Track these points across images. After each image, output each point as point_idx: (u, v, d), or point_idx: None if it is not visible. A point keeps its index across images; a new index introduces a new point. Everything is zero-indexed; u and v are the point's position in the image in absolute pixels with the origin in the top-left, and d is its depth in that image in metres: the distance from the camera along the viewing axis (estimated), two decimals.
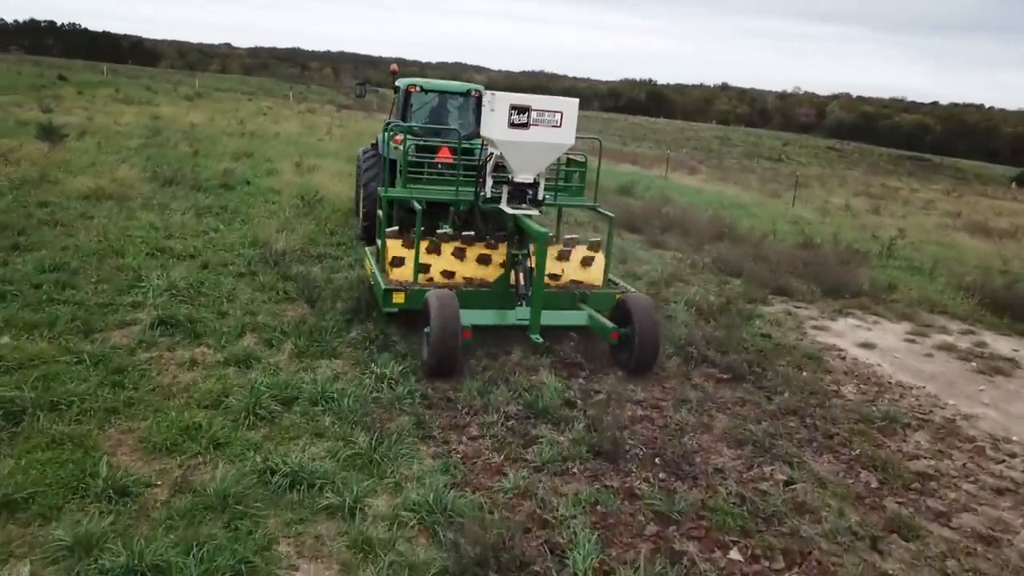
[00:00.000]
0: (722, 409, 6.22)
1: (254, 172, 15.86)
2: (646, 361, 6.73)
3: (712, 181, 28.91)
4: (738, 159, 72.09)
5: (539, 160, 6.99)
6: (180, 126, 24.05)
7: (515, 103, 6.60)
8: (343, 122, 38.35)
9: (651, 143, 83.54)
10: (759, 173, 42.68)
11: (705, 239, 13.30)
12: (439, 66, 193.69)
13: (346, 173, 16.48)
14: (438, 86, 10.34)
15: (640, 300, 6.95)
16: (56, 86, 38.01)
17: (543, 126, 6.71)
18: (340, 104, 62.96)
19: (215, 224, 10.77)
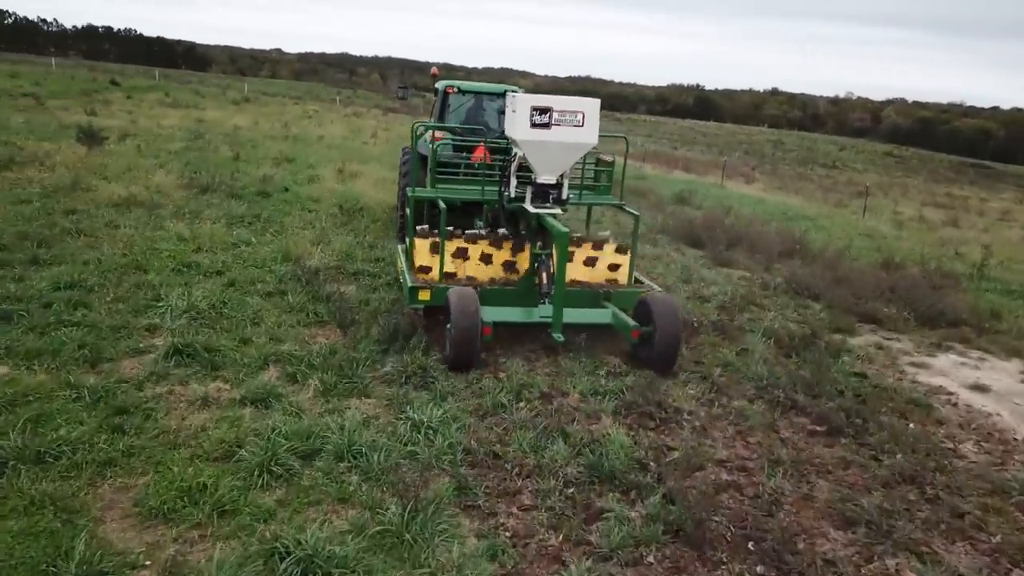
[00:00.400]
0: (822, 473, 5.21)
1: (294, 178, 15.23)
2: (666, 360, 6.70)
3: (771, 190, 27.53)
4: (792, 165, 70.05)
5: (561, 160, 7.00)
6: (223, 130, 23.71)
7: (536, 104, 6.65)
8: (389, 126, 37.89)
9: (702, 147, 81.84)
10: (817, 181, 40.98)
11: (775, 256, 12.18)
12: (485, 71, 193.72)
13: (389, 180, 15.76)
14: (474, 87, 10.35)
15: (662, 299, 6.94)
16: (106, 90, 38.31)
17: (565, 126, 6.72)
18: (386, 108, 62.80)
19: (247, 236, 10.08)
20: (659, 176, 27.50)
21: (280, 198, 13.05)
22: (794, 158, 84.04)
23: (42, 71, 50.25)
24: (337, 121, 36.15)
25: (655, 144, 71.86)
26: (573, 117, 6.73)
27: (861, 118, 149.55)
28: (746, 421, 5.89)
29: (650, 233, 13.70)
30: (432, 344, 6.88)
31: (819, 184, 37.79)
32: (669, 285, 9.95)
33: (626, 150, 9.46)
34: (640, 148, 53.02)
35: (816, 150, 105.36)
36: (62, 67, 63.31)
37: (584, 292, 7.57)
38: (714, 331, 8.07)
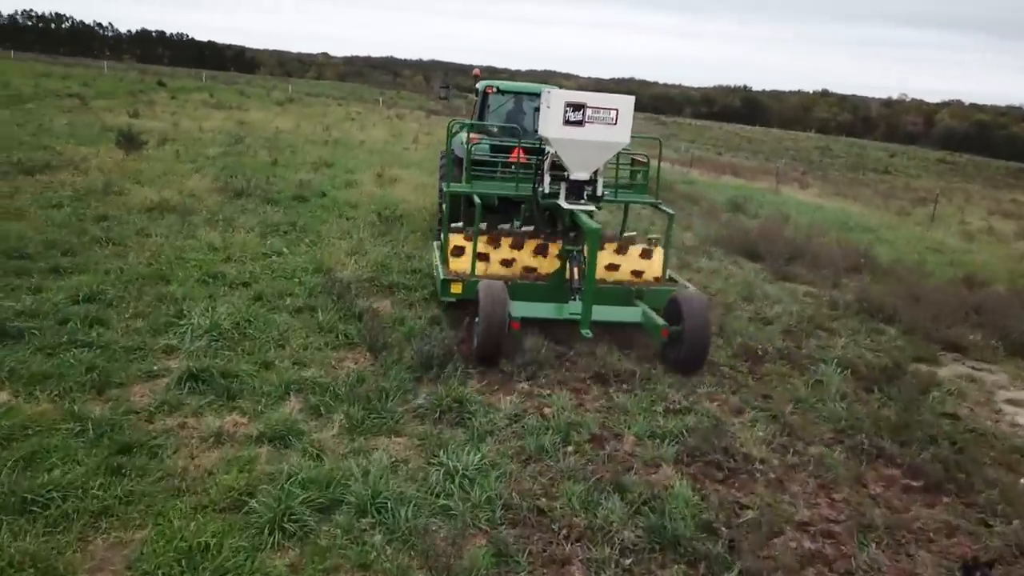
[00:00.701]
0: (922, 541, 4.44)
1: (332, 183, 14.79)
2: (695, 360, 6.60)
3: (828, 196, 26.34)
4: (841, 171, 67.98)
5: (594, 158, 7.02)
6: (264, 132, 23.49)
7: (570, 101, 6.65)
8: (431, 129, 37.51)
9: (747, 153, 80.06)
10: (873, 186, 39.44)
11: (840, 271, 11.30)
12: (529, 73, 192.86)
13: (429, 186, 15.24)
14: (514, 87, 10.41)
15: (692, 297, 6.83)
16: (152, 91, 38.66)
17: (598, 124, 6.72)
18: (429, 110, 62.60)
19: (280, 245, 9.59)
20: (707, 181, 26.55)
21: (317, 204, 12.59)
22: (843, 164, 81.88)
23: (94, 73, 51.20)
24: (379, 124, 35.90)
25: (699, 149, 70.56)
26: (607, 115, 6.72)
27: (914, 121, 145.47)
28: (828, 472, 5.14)
29: (704, 244, 12.91)
30: (470, 373, 6.28)
31: (875, 190, 36.32)
32: (730, 303, 9.19)
33: (659, 151, 8.97)
34: (684, 153, 51.88)
35: (866, 156, 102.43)
36: (113, 69, 64.53)
37: (615, 289, 7.55)
38: (781, 359, 7.30)
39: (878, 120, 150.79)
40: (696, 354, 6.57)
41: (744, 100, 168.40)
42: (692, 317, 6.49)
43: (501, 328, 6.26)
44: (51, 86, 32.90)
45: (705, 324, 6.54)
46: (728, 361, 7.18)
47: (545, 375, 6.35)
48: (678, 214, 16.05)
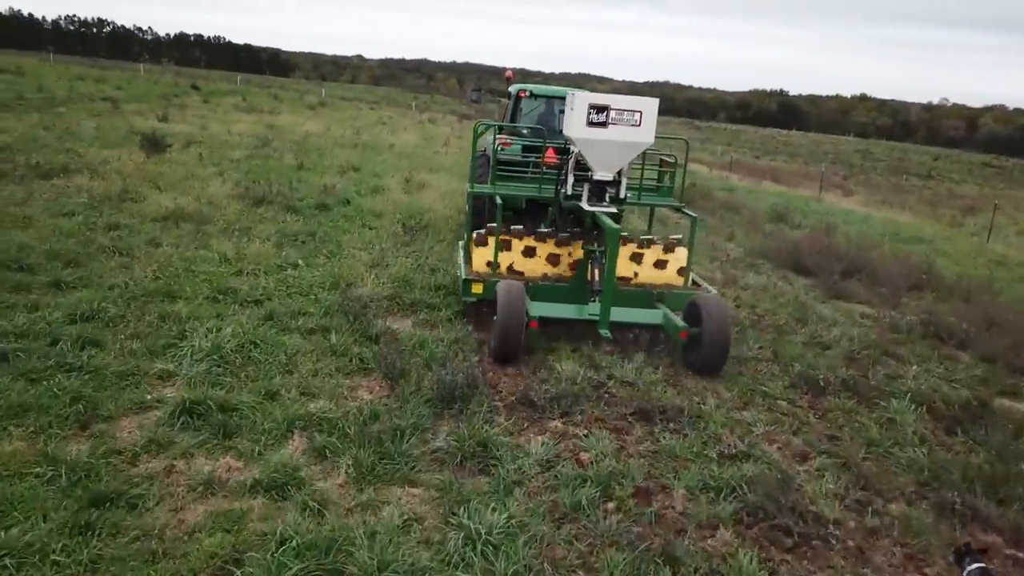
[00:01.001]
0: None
1: (357, 189, 14.24)
2: (714, 362, 6.60)
3: (874, 204, 25.21)
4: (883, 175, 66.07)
5: (617, 158, 7.07)
6: (293, 136, 23.11)
7: (594, 102, 6.74)
8: (462, 133, 37.00)
9: (784, 157, 78.43)
10: (917, 193, 38.03)
11: (899, 288, 10.43)
12: (562, 76, 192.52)
13: (458, 192, 14.62)
14: (546, 91, 10.42)
15: (711, 301, 6.85)
16: (185, 94, 38.70)
17: (622, 125, 6.78)
18: (462, 114, 62.24)
19: (296, 257, 9.02)
20: (747, 187, 25.61)
21: (340, 212, 12.03)
22: (884, 168, 79.80)
23: (129, 76, 51.65)
24: (411, 128, 35.48)
25: (735, 153, 69.16)
26: (631, 116, 6.77)
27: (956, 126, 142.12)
28: (915, 539, 4.36)
29: (749, 257, 12.11)
30: (496, 406, 5.61)
31: (920, 196, 34.95)
32: (781, 324, 8.40)
33: (686, 153, 8.60)
34: (720, 157, 50.74)
35: (908, 160, 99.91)
36: (150, 72, 65.29)
37: (637, 292, 7.59)
38: (845, 391, 6.51)
39: (918, 124, 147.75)
40: (716, 356, 6.57)
41: (781, 104, 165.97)
42: (711, 320, 6.51)
43: (519, 327, 6.34)
44: (85, 89, 33.00)
45: (724, 327, 6.54)
46: (785, 393, 6.42)
47: (581, 410, 5.66)
48: (719, 224, 15.34)
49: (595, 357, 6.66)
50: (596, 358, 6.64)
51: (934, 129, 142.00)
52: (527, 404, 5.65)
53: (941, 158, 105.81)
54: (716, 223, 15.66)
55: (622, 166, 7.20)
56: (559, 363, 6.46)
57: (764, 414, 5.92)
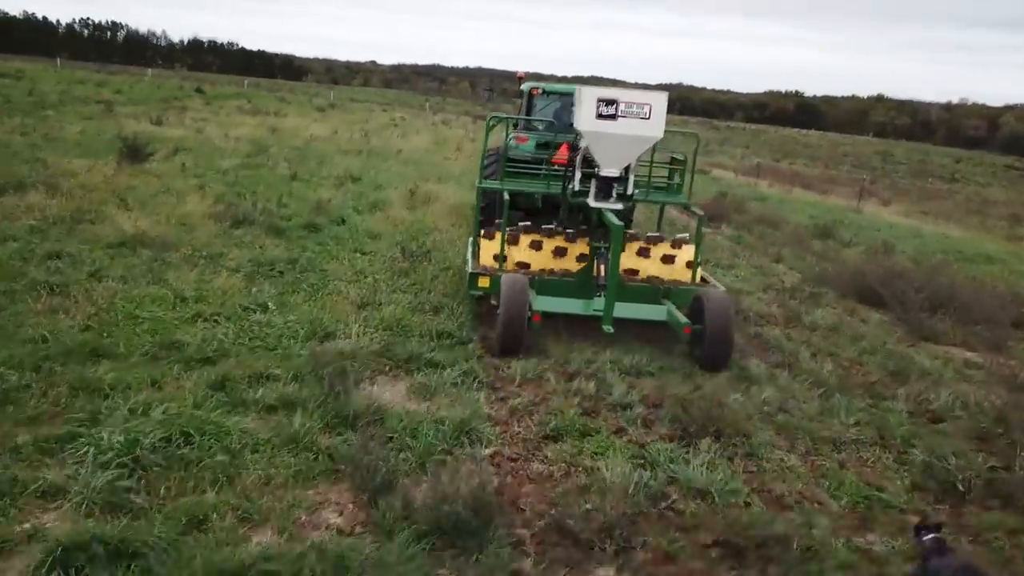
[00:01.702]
0: None
1: (355, 205, 12.64)
2: (718, 357, 6.59)
3: (916, 215, 23.26)
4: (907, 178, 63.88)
5: (626, 152, 7.02)
6: (295, 140, 21.57)
7: (603, 96, 6.70)
8: (476, 135, 35.42)
9: (805, 159, 76.38)
10: (951, 199, 36.04)
11: (1000, 325, 8.66)
12: (575, 79, 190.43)
13: (469, 206, 13.00)
14: (558, 88, 10.40)
15: (714, 296, 6.89)
16: (188, 98, 37.34)
17: (631, 118, 6.70)
18: (475, 116, 60.67)
19: (269, 294, 7.39)
20: (778, 196, 23.79)
21: (331, 233, 10.41)
22: (906, 171, 77.62)
23: (134, 79, 50.49)
24: (423, 131, 33.91)
25: (757, 155, 67.19)
26: (640, 109, 6.70)
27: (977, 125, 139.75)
28: None
29: (807, 284, 10.38)
30: (520, 535, 3.95)
31: (956, 203, 32.93)
32: (873, 383, 6.69)
33: (696, 148, 8.46)
34: (741, 161, 48.89)
35: (929, 162, 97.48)
36: (157, 76, 64.28)
37: (642, 288, 7.54)
38: (988, 492, 4.79)
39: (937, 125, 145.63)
40: (718, 352, 6.57)
41: (798, 105, 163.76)
42: (713, 316, 6.52)
43: (521, 320, 6.38)
44: (82, 93, 31.67)
45: (726, 322, 6.54)
46: (910, 500, 4.71)
47: (642, 541, 3.97)
48: (760, 242, 13.48)
49: (647, 448, 4.97)
50: (649, 450, 4.94)
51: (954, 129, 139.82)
52: (563, 534, 3.97)
53: (963, 160, 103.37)
54: (756, 241, 13.92)
55: (631, 161, 7.15)
56: (599, 459, 4.78)
57: (895, 538, 4.21)
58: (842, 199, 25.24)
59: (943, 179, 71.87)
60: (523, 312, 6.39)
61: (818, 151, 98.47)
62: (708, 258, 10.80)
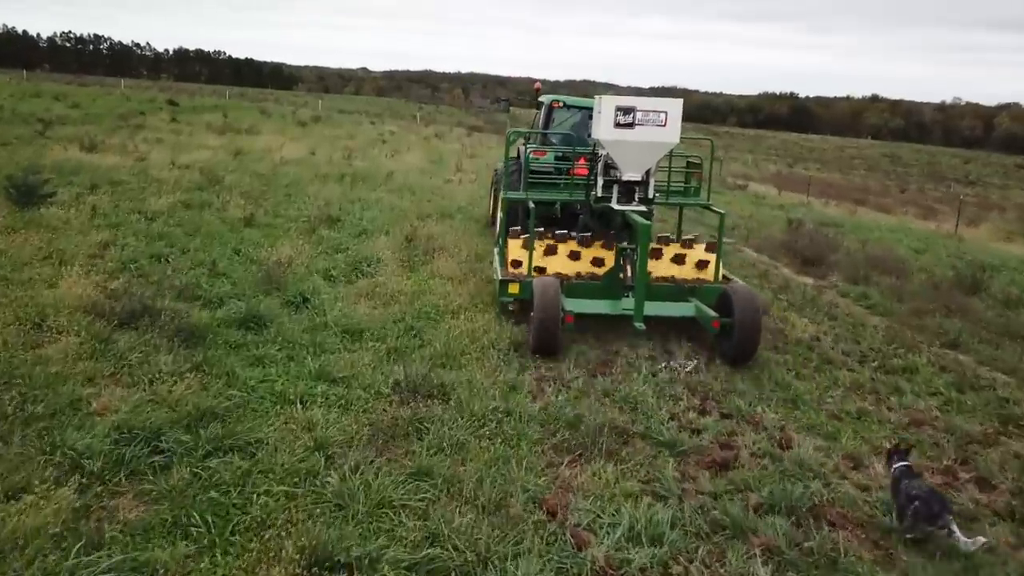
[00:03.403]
0: None
1: (328, 267, 8.76)
2: (747, 349, 6.75)
3: (1019, 239, 19.36)
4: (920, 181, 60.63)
5: (645, 158, 7.41)
6: (263, 165, 17.63)
7: (620, 104, 7.09)
8: (475, 150, 31.61)
9: (815, 164, 73.14)
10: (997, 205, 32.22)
11: None
12: (567, 84, 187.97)
13: (489, 257, 9.20)
14: (579, 102, 10.45)
15: (741, 291, 7.11)
16: (156, 112, 33.36)
17: (648, 125, 7.09)
18: (470, 126, 56.87)
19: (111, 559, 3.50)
20: (850, 220, 19.94)
21: (283, 332, 6.51)
22: (918, 174, 74.47)
23: (102, 92, 46.46)
24: (415, 146, 30.06)
25: (769, 161, 63.62)
26: (656, 117, 7.07)
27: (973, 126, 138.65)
28: None
29: None
30: None
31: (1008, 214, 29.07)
32: None
33: (711, 152, 8.77)
34: (758, 168, 45.20)
35: (938, 164, 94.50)
36: (132, 87, 60.28)
37: (669, 287, 7.79)
38: None
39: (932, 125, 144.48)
40: (747, 344, 6.69)
41: (792, 107, 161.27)
42: (742, 309, 6.67)
43: (555, 321, 6.49)
44: (27, 109, 27.63)
45: (755, 314, 6.69)
46: None
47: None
48: (901, 310, 9.41)
49: None
50: None
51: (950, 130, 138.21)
52: None
53: (972, 161, 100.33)
54: (889, 300, 9.89)
55: (650, 166, 7.52)
56: None
57: None
58: (918, 220, 21.46)
59: (957, 181, 68.66)
60: (556, 314, 6.51)
61: (824, 155, 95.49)
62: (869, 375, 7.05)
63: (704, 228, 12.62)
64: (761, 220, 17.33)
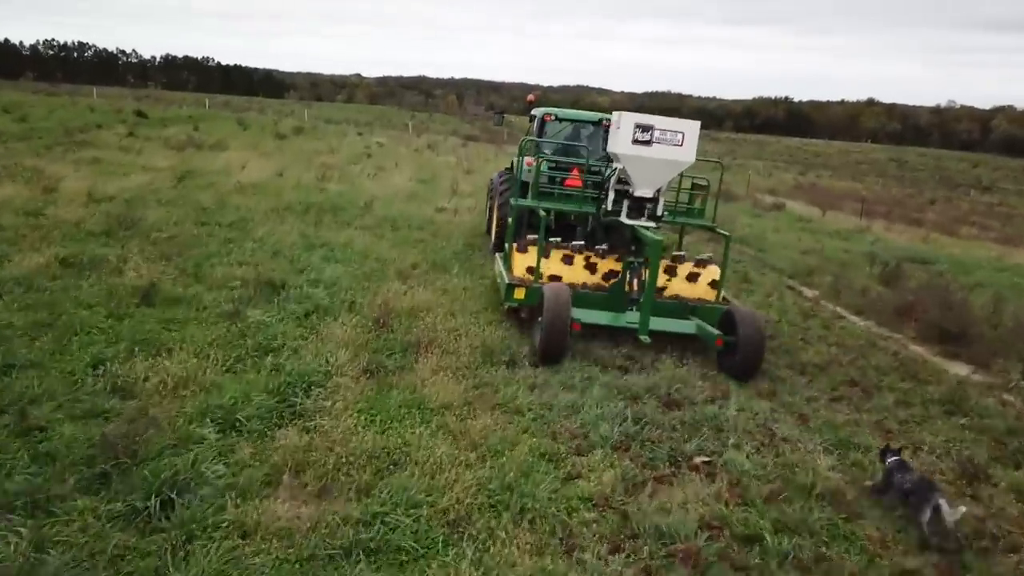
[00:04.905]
0: None
1: (234, 404, 5.24)
2: (750, 367, 6.90)
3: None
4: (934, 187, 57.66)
5: (659, 176, 7.62)
6: (207, 196, 14.11)
7: (640, 122, 7.29)
8: (472, 163, 28.18)
9: (824, 170, 70.25)
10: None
11: None
12: (561, 89, 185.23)
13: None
14: (571, 115, 10.75)
15: (745, 311, 7.27)
16: (118, 124, 29.84)
17: (665, 144, 7.31)
18: (466, 135, 53.48)
19: None
20: (929, 249, 16.54)
21: None
22: (930, 179, 71.65)
23: (69, 102, 42.85)
24: (404, 160, 26.63)
25: (781, 169, 60.43)
26: (674, 136, 7.28)
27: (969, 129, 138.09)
28: None
29: None
30: None
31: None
32: None
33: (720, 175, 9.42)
34: (767, 175, 41.90)
35: (946, 168, 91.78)
36: (104, 96, 56.68)
37: (671, 304, 7.91)
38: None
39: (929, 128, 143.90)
40: (751, 362, 6.85)
41: (788, 111, 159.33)
42: (746, 327, 6.83)
43: (563, 328, 6.57)
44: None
45: (758, 334, 6.83)
46: None
47: None
48: None
49: None
50: None
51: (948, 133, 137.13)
52: None
53: (980, 165, 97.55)
54: None
55: (663, 184, 7.72)
56: None
57: None
58: (992, 243, 18.07)
59: (969, 185, 65.59)
60: (565, 321, 6.58)
61: (830, 160, 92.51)
62: None
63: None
64: (831, 258, 13.95)
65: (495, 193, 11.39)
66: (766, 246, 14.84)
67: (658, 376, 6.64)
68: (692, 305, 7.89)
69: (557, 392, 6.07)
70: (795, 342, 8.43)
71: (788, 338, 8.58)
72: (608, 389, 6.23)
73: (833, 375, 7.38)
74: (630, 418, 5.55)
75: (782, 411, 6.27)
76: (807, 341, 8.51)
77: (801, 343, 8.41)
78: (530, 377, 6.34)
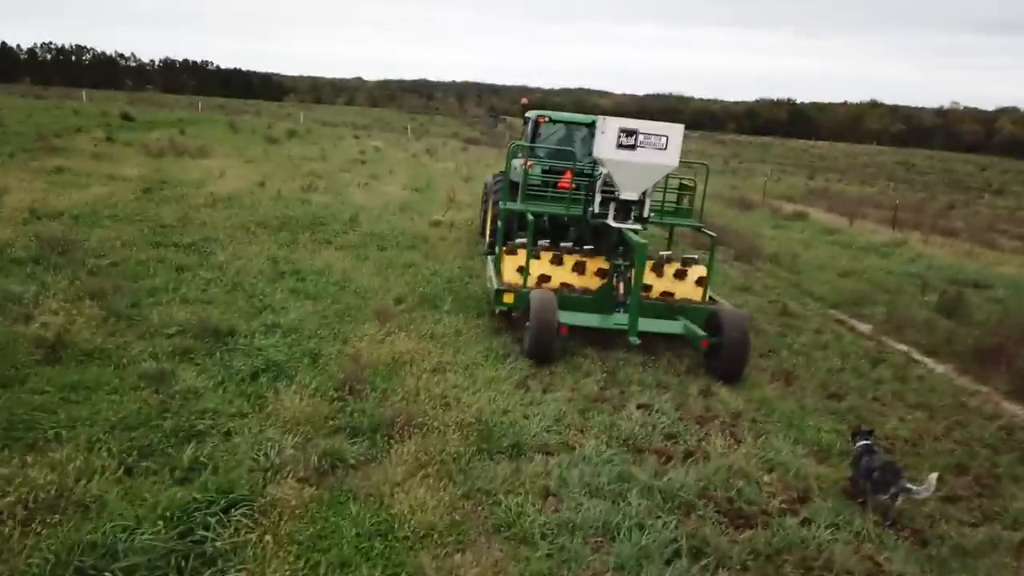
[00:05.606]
0: None
1: (131, 528, 3.65)
2: (733, 369, 6.93)
3: None
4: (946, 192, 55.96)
5: (644, 179, 7.69)
6: (171, 210, 12.52)
7: (624, 127, 7.34)
8: (471, 169, 26.56)
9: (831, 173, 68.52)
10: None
11: None
12: (562, 92, 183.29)
13: None
14: (564, 117, 10.83)
15: (730, 312, 7.27)
16: (97, 128, 28.27)
17: (649, 148, 7.37)
18: (466, 138, 51.81)
19: None
20: (976, 267, 14.92)
21: None
22: (939, 182, 70.03)
23: (54, 105, 41.31)
24: (400, 166, 25.05)
25: (790, 173, 58.72)
26: (658, 140, 7.34)
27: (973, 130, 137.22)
28: None
29: None
30: None
31: None
32: None
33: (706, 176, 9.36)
34: (777, 180, 40.23)
35: (954, 171, 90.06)
36: (96, 99, 55.14)
37: (657, 305, 7.94)
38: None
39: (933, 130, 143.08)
40: (736, 363, 6.88)
41: (791, 113, 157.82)
42: (731, 329, 6.85)
43: (550, 331, 6.75)
44: None
45: (743, 335, 6.86)
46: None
47: None
48: None
49: None
50: None
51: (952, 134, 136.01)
52: None
53: (988, 168, 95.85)
54: None
55: (647, 187, 7.79)
56: None
57: None
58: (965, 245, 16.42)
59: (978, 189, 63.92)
60: (552, 325, 6.74)
61: (837, 163, 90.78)
62: None
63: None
64: (875, 281, 12.34)
65: (489, 196, 11.50)
66: (800, 266, 13.21)
67: (709, 467, 4.99)
68: (679, 306, 7.96)
69: (580, 498, 4.45)
70: (869, 403, 6.79)
71: (859, 396, 6.94)
72: (650, 493, 4.58)
73: (932, 458, 5.73)
74: (685, 549, 3.93)
75: (884, 524, 4.61)
76: (883, 403, 6.85)
77: (877, 405, 6.76)
78: (541, 474, 4.70)
